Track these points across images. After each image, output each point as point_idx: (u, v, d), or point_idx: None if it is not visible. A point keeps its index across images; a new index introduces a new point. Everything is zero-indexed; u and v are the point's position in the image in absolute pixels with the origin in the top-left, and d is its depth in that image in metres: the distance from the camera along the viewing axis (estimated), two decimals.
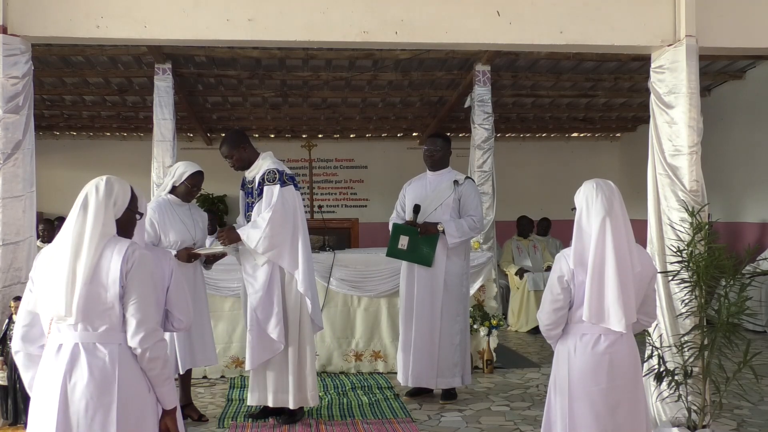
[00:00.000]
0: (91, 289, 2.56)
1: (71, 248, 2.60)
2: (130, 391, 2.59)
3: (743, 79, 9.69)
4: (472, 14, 4.70)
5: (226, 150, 4.92)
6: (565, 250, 3.27)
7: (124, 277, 2.59)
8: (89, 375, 2.55)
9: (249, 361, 4.83)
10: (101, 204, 2.66)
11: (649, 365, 4.32)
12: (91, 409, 2.54)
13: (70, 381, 2.56)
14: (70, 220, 2.66)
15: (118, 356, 2.58)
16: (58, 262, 2.61)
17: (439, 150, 5.63)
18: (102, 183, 2.70)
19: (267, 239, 4.65)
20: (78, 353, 2.57)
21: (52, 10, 4.48)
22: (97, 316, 2.58)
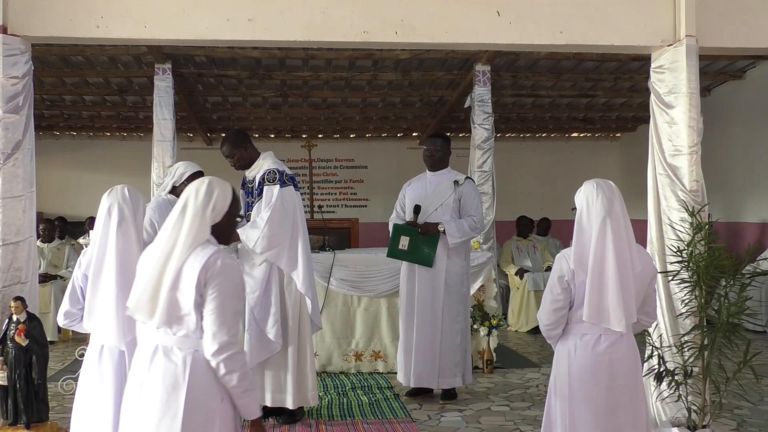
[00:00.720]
0: (173, 294, 2.55)
1: (164, 252, 2.59)
2: (199, 399, 2.55)
3: (743, 79, 9.69)
4: (472, 14, 4.70)
5: (227, 149, 4.92)
6: (566, 250, 3.27)
7: (202, 286, 2.54)
8: (162, 378, 2.56)
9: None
10: (199, 209, 2.62)
11: (649, 365, 4.32)
12: (158, 411, 2.54)
13: (146, 381, 2.59)
14: (168, 223, 2.65)
15: (191, 363, 2.55)
16: (151, 264, 2.61)
17: (438, 150, 5.63)
18: (203, 187, 2.66)
19: (265, 239, 4.65)
20: (155, 355, 2.59)
21: (52, 10, 4.48)
22: (176, 320, 2.57)
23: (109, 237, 3.16)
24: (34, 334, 4.23)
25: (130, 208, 3.21)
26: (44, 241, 8.51)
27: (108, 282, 3.14)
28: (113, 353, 3.18)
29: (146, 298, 2.57)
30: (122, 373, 3.17)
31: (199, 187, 2.65)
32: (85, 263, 3.22)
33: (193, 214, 2.60)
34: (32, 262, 4.58)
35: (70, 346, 7.66)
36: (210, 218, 2.63)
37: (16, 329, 4.19)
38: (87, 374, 3.21)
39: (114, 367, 3.17)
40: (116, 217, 3.17)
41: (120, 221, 3.17)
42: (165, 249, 2.58)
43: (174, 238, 2.58)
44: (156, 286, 2.56)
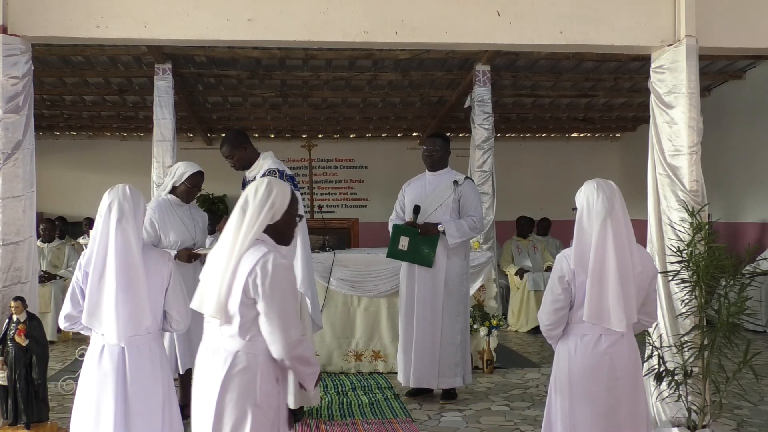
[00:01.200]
0: (227, 294, 2.63)
1: (225, 251, 2.66)
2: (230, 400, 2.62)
3: (743, 79, 9.70)
4: (472, 14, 4.70)
5: (227, 150, 4.92)
6: (566, 250, 3.27)
7: (249, 289, 2.59)
8: (209, 375, 2.66)
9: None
10: (257, 207, 2.68)
11: (649, 365, 4.32)
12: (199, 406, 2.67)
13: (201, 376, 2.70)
14: (230, 222, 2.71)
15: (230, 364, 2.63)
16: (215, 261, 2.69)
17: (438, 150, 5.63)
18: (262, 186, 2.72)
19: None
20: (210, 351, 2.70)
21: (52, 10, 4.48)
22: (227, 320, 2.65)
23: (109, 234, 3.16)
24: (34, 334, 4.23)
25: (131, 205, 3.22)
26: (44, 241, 8.52)
27: (108, 279, 3.14)
28: (114, 353, 3.18)
29: (212, 296, 2.66)
30: (123, 373, 3.17)
31: (258, 187, 2.72)
32: (84, 262, 3.22)
33: (251, 213, 2.67)
34: (32, 262, 4.58)
35: (70, 346, 7.66)
36: (268, 217, 2.68)
37: (16, 329, 4.19)
38: (88, 374, 3.21)
39: (115, 367, 3.17)
40: (116, 214, 3.17)
41: (120, 218, 3.17)
42: (226, 248, 2.66)
43: (233, 238, 2.65)
44: (219, 286, 2.64)
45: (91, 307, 3.17)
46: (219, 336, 2.68)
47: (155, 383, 3.24)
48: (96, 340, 3.23)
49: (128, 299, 3.15)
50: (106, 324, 3.15)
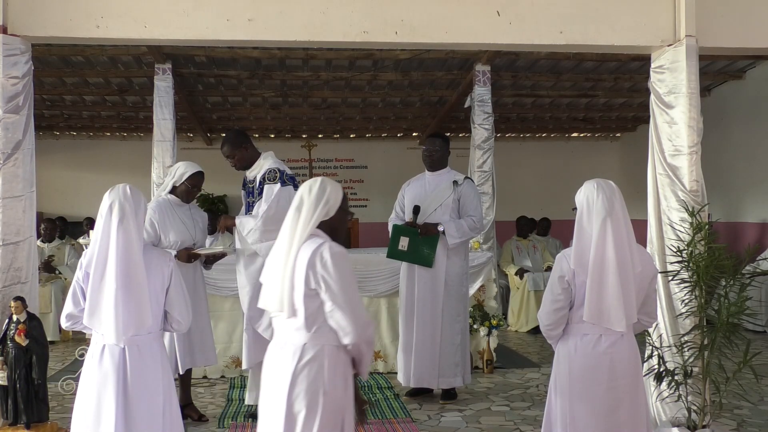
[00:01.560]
0: (290, 288, 2.70)
1: (284, 247, 2.75)
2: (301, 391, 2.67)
3: (743, 79, 9.70)
4: (472, 14, 4.70)
5: (228, 150, 4.93)
6: (566, 250, 3.27)
7: (310, 280, 2.67)
8: (279, 368, 2.71)
9: (245, 360, 4.86)
10: (313, 204, 2.78)
11: (649, 365, 4.32)
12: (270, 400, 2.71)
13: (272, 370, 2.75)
14: (287, 220, 2.80)
15: (298, 356, 2.69)
16: (274, 261, 2.78)
17: (438, 150, 5.63)
18: (316, 184, 2.82)
19: (257, 232, 4.70)
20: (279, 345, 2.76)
21: (52, 10, 4.48)
22: (293, 313, 2.71)
23: (110, 234, 3.16)
24: (34, 334, 4.23)
25: (132, 206, 3.22)
26: (45, 240, 8.53)
27: (108, 279, 3.14)
28: (114, 353, 3.18)
29: (274, 292, 2.73)
30: (123, 373, 3.17)
31: (312, 185, 2.82)
32: (86, 262, 3.23)
33: (307, 209, 2.76)
34: (32, 262, 4.57)
35: (70, 346, 7.66)
36: (323, 213, 2.78)
37: (16, 329, 4.19)
38: (88, 374, 3.22)
39: (115, 367, 3.17)
40: (117, 214, 3.18)
41: (121, 219, 3.17)
42: (284, 245, 2.75)
43: (291, 234, 2.74)
44: (280, 281, 2.71)
45: (92, 308, 3.17)
46: (286, 330, 2.75)
47: (156, 383, 3.24)
48: (97, 340, 3.24)
49: (129, 300, 3.15)
50: (105, 324, 3.15)
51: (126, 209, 3.20)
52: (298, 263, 2.69)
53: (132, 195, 3.26)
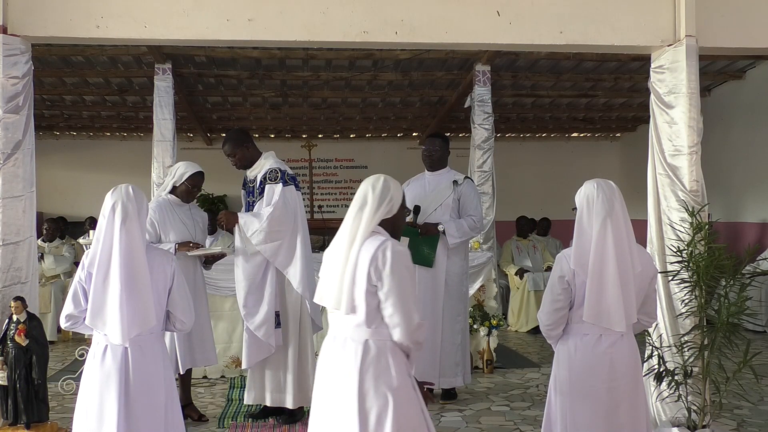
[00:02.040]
0: (351, 285, 2.72)
1: (345, 244, 2.75)
2: (370, 388, 2.68)
3: (743, 79, 9.70)
4: (472, 14, 4.70)
5: (229, 148, 4.92)
6: (566, 250, 3.27)
7: (373, 277, 2.69)
8: (341, 367, 2.72)
9: (245, 360, 4.86)
10: (376, 203, 2.79)
11: (649, 365, 4.32)
12: (337, 399, 2.71)
13: (332, 369, 2.76)
14: (348, 216, 2.81)
15: (362, 354, 2.70)
16: (334, 255, 2.78)
17: (437, 150, 5.63)
18: (379, 182, 2.83)
19: (263, 233, 4.67)
20: (338, 344, 2.77)
21: (52, 10, 4.48)
22: (353, 310, 2.73)
23: (113, 235, 3.17)
24: (34, 334, 4.23)
25: (134, 206, 3.22)
26: (45, 240, 8.54)
27: (112, 280, 3.14)
28: (117, 352, 3.18)
29: (332, 289, 2.74)
30: (126, 373, 3.17)
31: (375, 183, 2.83)
32: (88, 262, 3.22)
33: (370, 206, 2.77)
34: (32, 262, 4.57)
35: (70, 346, 7.66)
36: (385, 211, 2.80)
37: (16, 329, 4.19)
38: (90, 374, 3.22)
39: (118, 367, 3.17)
40: (120, 215, 3.18)
41: (124, 219, 3.18)
42: (344, 242, 2.75)
43: (354, 231, 2.75)
44: (339, 277, 2.72)
45: (96, 308, 3.17)
46: (345, 327, 2.75)
47: (158, 383, 3.25)
48: (98, 340, 3.24)
49: (133, 300, 3.15)
50: (110, 324, 3.15)
51: (129, 209, 3.20)
52: (360, 260, 2.70)
53: (135, 195, 3.26)
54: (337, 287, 2.73)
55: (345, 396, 2.69)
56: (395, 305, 2.69)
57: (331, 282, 2.76)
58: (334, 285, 2.75)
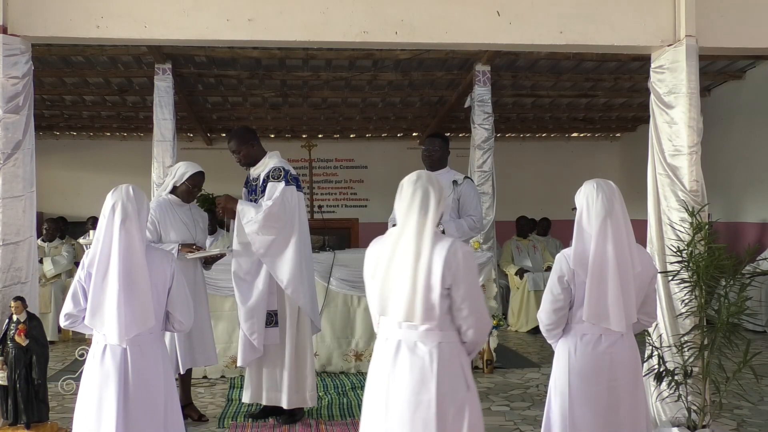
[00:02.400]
0: (426, 290, 2.65)
1: (414, 251, 2.66)
2: (448, 391, 2.67)
3: (743, 79, 9.70)
4: (472, 14, 4.70)
5: (235, 145, 4.91)
6: (566, 250, 3.27)
7: (447, 280, 2.66)
8: (410, 373, 2.67)
9: (240, 359, 4.88)
10: (437, 203, 2.73)
11: (649, 365, 4.32)
12: (411, 405, 2.66)
13: (393, 376, 2.70)
14: (409, 219, 2.71)
15: (438, 357, 2.67)
16: (401, 265, 2.68)
17: (437, 150, 5.63)
18: (431, 182, 2.76)
19: (256, 224, 4.66)
20: (399, 350, 2.71)
21: (52, 10, 4.48)
22: (425, 315, 2.67)
23: (113, 235, 3.17)
24: (34, 334, 4.23)
25: (134, 206, 3.22)
26: (45, 240, 8.54)
27: (111, 280, 3.14)
28: (116, 352, 3.18)
29: (402, 300, 2.65)
30: (125, 373, 3.17)
31: (430, 181, 2.75)
32: (87, 262, 3.23)
33: (433, 209, 2.70)
34: (32, 262, 4.57)
35: (70, 346, 7.66)
36: (441, 210, 2.76)
37: (16, 329, 4.19)
38: (90, 374, 3.22)
39: (117, 367, 3.17)
40: (120, 215, 3.18)
41: (124, 219, 3.18)
42: (411, 246, 2.66)
43: (419, 234, 2.66)
44: (411, 287, 2.64)
45: (94, 308, 3.17)
46: (410, 332, 2.70)
47: (157, 383, 3.25)
48: (98, 339, 3.24)
49: (131, 300, 3.15)
50: (108, 325, 3.15)
51: (129, 210, 3.20)
52: (434, 264, 2.65)
53: (135, 195, 3.26)
54: (409, 297, 2.64)
55: (420, 400, 2.65)
56: (471, 307, 2.69)
57: (400, 293, 2.66)
58: (404, 295, 2.65)
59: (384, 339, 2.78)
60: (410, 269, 2.64)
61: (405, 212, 2.72)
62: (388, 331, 2.76)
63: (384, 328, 2.79)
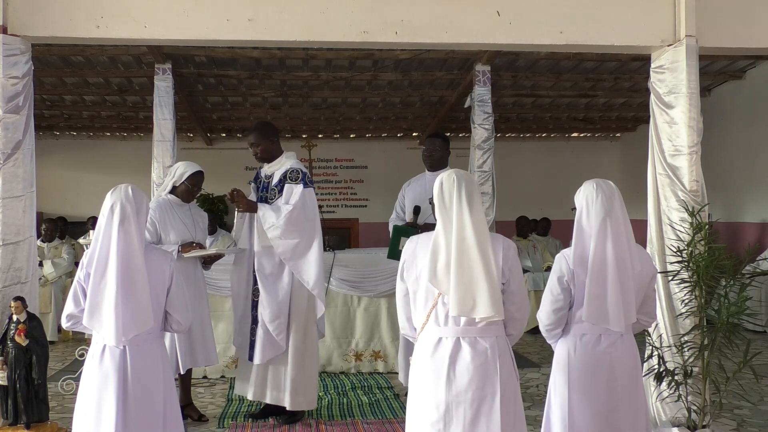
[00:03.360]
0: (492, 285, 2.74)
1: (478, 248, 2.72)
2: (508, 380, 2.78)
3: (743, 79, 9.69)
4: (472, 14, 4.70)
5: (256, 137, 4.90)
6: (566, 250, 3.27)
7: (505, 273, 2.80)
8: (473, 368, 2.73)
9: (258, 356, 4.77)
10: (480, 200, 2.84)
11: (649, 365, 4.32)
12: (477, 400, 2.72)
13: (455, 373, 2.73)
14: (463, 217, 2.76)
15: (499, 350, 2.78)
16: (469, 264, 2.72)
17: (438, 150, 5.63)
18: (472, 180, 2.85)
19: (279, 229, 4.66)
20: (459, 346, 2.76)
21: (52, 10, 4.48)
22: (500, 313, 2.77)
23: (111, 235, 3.16)
24: (34, 334, 4.23)
25: (133, 207, 3.22)
26: (45, 240, 8.53)
27: (109, 281, 3.14)
28: (115, 353, 3.18)
29: (482, 297, 2.70)
30: (124, 373, 3.17)
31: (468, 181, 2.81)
32: (87, 262, 3.22)
33: (480, 203, 2.82)
34: (32, 262, 4.58)
35: (70, 346, 7.66)
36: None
37: (16, 329, 4.19)
38: (89, 374, 3.22)
39: (116, 367, 3.17)
40: (119, 215, 3.18)
41: (122, 220, 3.17)
42: (474, 244, 2.71)
43: (480, 231, 2.74)
44: (485, 282, 2.70)
45: (92, 308, 3.17)
46: (469, 329, 2.76)
47: (156, 383, 3.25)
48: (97, 340, 3.24)
49: (129, 301, 3.15)
50: (106, 326, 3.15)
51: (127, 210, 3.20)
52: (494, 260, 2.75)
53: (134, 196, 3.26)
54: (490, 293, 2.70)
55: (485, 394, 2.72)
56: (522, 300, 2.85)
57: (479, 289, 2.70)
58: (482, 291, 2.69)
59: (435, 339, 2.78)
60: (483, 266, 2.71)
61: (455, 210, 2.76)
62: (440, 330, 2.79)
63: (432, 329, 2.80)
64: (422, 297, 2.83)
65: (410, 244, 2.89)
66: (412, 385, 2.86)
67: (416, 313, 2.88)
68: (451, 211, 2.76)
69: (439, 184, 2.82)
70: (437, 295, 2.78)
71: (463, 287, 2.71)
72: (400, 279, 2.93)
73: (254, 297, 4.88)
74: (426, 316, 2.81)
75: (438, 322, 2.79)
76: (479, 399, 2.71)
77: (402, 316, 2.97)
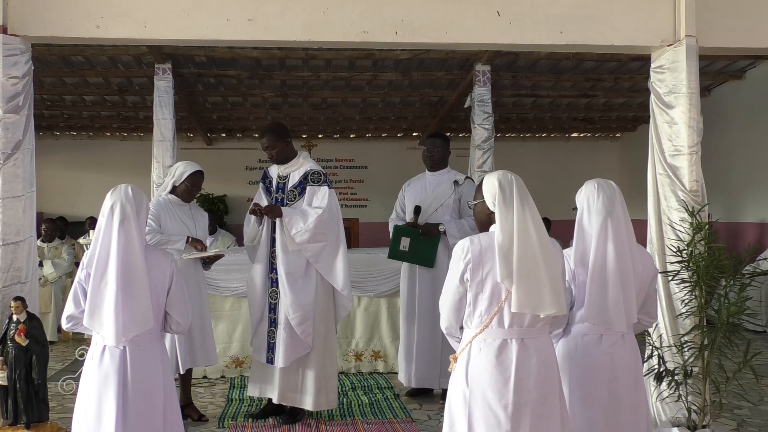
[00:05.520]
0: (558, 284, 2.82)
1: (539, 246, 2.76)
2: (559, 375, 2.89)
3: (743, 79, 9.69)
4: (472, 14, 4.70)
5: (270, 139, 4.87)
6: (566, 250, 3.27)
7: (566, 271, 2.92)
8: (537, 367, 2.78)
9: (281, 359, 4.70)
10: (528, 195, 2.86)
11: (649, 365, 4.32)
12: (540, 398, 2.77)
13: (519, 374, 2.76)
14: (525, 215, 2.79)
15: (552, 346, 2.91)
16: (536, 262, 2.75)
17: (438, 150, 5.63)
18: (516, 176, 2.88)
19: (307, 233, 4.63)
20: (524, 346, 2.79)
21: (52, 10, 4.48)
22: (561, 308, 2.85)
23: (111, 236, 3.16)
24: (34, 334, 4.23)
25: (133, 207, 3.22)
26: (44, 240, 8.53)
27: (110, 281, 3.14)
28: (115, 353, 3.18)
29: (549, 294, 2.74)
30: (124, 373, 3.17)
31: (514, 180, 2.85)
32: (87, 262, 3.22)
33: (532, 200, 2.84)
34: (32, 262, 4.58)
35: (70, 346, 7.66)
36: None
37: (16, 329, 4.19)
38: (89, 374, 3.22)
39: (116, 367, 3.17)
40: (119, 215, 3.18)
41: (122, 220, 3.17)
42: (535, 241, 2.75)
43: (539, 228, 2.78)
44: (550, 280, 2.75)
45: (92, 309, 3.17)
46: (530, 330, 2.80)
47: (156, 383, 3.25)
48: (97, 340, 3.24)
49: (130, 302, 3.14)
50: (106, 326, 3.14)
51: (127, 210, 3.20)
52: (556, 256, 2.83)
53: (134, 196, 3.25)
54: (554, 289, 2.76)
55: (547, 392, 2.78)
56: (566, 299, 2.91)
57: (548, 287, 2.75)
58: (547, 289, 2.75)
59: (500, 341, 2.78)
60: (547, 262, 2.76)
61: (516, 208, 2.78)
62: (504, 332, 2.78)
63: (495, 332, 2.79)
64: (486, 299, 2.79)
65: (473, 246, 2.80)
66: (474, 389, 2.78)
67: (473, 316, 2.83)
68: (512, 210, 2.77)
69: (496, 183, 2.83)
70: (504, 297, 2.76)
71: (530, 285, 2.73)
72: (459, 282, 2.82)
73: (271, 299, 4.85)
74: (489, 318, 2.78)
75: (503, 324, 2.78)
76: (544, 397, 2.78)
77: (452, 318, 2.89)
